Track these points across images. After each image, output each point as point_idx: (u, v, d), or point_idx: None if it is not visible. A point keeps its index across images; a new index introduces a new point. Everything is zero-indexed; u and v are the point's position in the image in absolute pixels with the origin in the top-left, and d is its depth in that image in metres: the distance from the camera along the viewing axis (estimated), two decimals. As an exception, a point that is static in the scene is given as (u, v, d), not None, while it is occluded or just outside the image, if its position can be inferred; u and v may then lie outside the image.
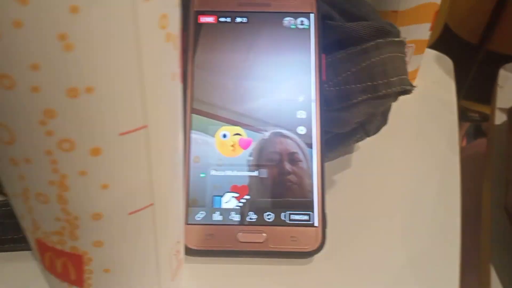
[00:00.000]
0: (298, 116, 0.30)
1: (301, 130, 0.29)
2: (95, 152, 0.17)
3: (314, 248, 0.28)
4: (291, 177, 0.29)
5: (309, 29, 0.31)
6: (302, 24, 0.31)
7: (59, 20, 0.14)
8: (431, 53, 0.56)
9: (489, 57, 1.06)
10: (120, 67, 0.16)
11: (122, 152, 0.18)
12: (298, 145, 0.29)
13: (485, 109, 1.10)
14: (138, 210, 0.20)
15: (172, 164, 0.21)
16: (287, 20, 0.31)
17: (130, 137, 0.18)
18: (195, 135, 0.29)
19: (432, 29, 0.46)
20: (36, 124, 0.16)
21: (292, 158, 0.29)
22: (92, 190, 0.18)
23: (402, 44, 0.31)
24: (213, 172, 0.29)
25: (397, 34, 0.32)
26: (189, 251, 0.28)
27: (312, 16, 0.31)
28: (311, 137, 0.29)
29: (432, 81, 0.50)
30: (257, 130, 0.29)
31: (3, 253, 0.29)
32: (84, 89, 0.16)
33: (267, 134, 0.30)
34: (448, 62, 0.55)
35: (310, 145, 0.29)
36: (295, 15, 0.31)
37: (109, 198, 0.19)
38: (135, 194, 0.20)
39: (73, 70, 0.15)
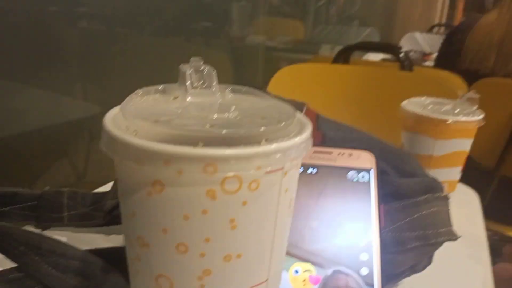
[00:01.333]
0: (361, 258, 0.34)
1: (364, 270, 0.34)
2: (230, 301, 0.22)
3: None
4: None
5: (369, 182, 0.36)
6: (363, 178, 0.37)
7: (233, 210, 0.20)
8: (459, 186, 0.61)
9: (505, 181, 1.12)
10: (263, 239, 0.21)
11: (248, 301, 0.23)
12: (358, 283, 0.34)
13: (501, 229, 1.13)
14: None
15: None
16: (351, 174, 0.37)
17: (256, 289, 0.23)
18: None
19: (463, 170, 0.52)
20: (194, 279, 0.21)
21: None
22: (219, 330, 0.23)
23: (446, 199, 0.37)
24: None
25: (442, 189, 0.37)
26: None
27: (372, 171, 0.37)
28: (372, 278, 0.33)
29: (462, 214, 0.55)
30: (326, 268, 0.34)
31: None
32: (236, 255, 0.21)
33: (329, 272, 0.34)
34: (474, 197, 0.60)
35: (371, 285, 0.33)
36: (357, 170, 0.37)
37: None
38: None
39: (232, 243, 0.21)
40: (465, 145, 0.50)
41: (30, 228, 0.45)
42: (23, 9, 0.56)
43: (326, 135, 0.40)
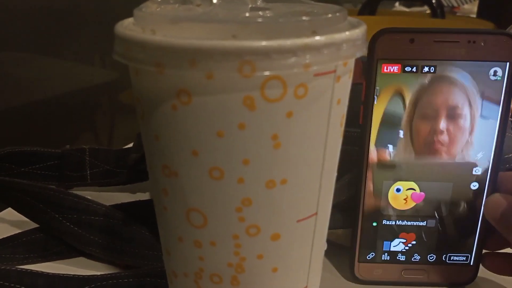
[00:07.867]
0: (474, 173, 0.30)
1: (474, 186, 0.30)
2: (275, 237, 0.19)
3: (467, 280, 0.32)
4: (453, 227, 0.31)
5: (502, 81, 0.28)
6: (494, 76, 0.29)
7: (276, 123, 0.16)
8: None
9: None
10: (311, 161, 0.18)
11: (295, 238, 0.19)
12: (464, 198, 0.31)
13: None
14: (295, 293, 0.21)
15: (324, 244, 0.22)
16: (479, 70, 0.28)
17: (304, 223, 0.19)
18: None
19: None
20: (232, 211, 0.18)
21: (456, 211, 0.31)
22: (263, 273, 0.20)
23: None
24: (384, 222, 0.31)
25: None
26: (361, 281, 0.32)
27: (507, 65, 0.28)
28: (482, 194, 0.30)
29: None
30: (431, 184, 0.30)
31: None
32: (280, 181, 0.17)
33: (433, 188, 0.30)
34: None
35: (480, 200, 0.30)
36: (489, 64, 0.28)
37: (275, 282, 0.20)
38: (297, 278, 0.21)
39: (275, 165, 0.17)
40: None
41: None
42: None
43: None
